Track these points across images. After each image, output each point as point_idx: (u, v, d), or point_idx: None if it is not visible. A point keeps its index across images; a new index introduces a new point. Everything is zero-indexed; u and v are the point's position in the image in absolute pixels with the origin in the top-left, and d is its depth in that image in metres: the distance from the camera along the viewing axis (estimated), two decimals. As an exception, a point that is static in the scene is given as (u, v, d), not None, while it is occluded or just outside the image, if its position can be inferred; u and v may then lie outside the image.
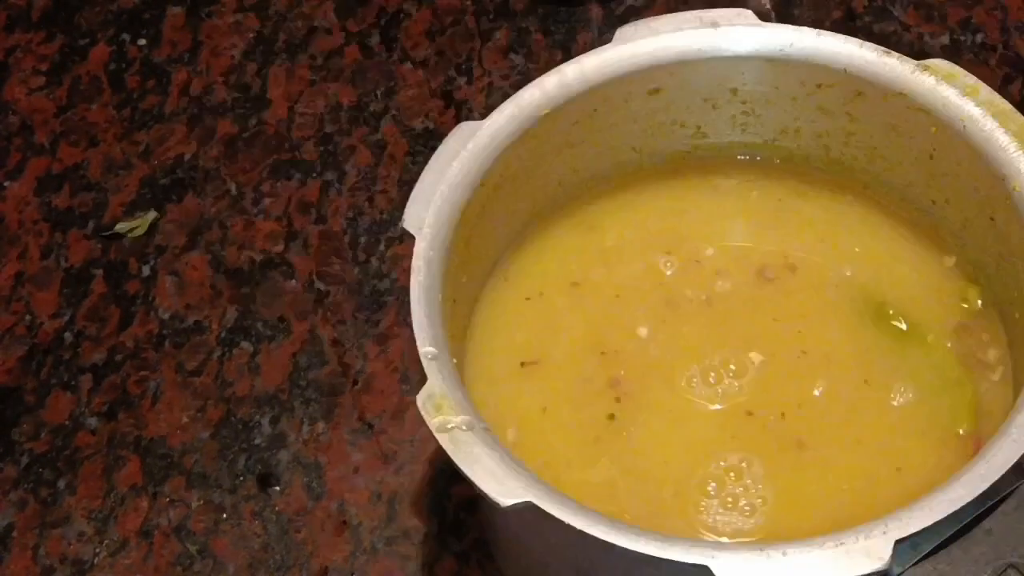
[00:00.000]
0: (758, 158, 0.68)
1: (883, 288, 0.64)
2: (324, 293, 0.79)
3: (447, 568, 0.68)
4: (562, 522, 0.50)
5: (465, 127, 0.61)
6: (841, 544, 0.49)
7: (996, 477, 0.50)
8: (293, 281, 0.79)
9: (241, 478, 0.72)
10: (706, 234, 0.66)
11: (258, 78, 0.89)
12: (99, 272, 0.81)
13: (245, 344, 0.77)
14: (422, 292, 0.56)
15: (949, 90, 0.60)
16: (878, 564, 0.48)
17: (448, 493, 0.71)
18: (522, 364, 0.62)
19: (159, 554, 0.70)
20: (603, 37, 0.80)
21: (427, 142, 0.84)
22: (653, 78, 0.64)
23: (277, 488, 0.72)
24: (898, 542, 0.49)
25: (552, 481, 0.52)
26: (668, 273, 0.65)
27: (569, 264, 0.66)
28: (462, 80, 0.87)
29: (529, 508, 0.50)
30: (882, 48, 0.62)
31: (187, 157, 0.85)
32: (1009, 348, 0.61)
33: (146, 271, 0.80)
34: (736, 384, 0.61)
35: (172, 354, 0.77)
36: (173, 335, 0.77)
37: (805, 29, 0.63)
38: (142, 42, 0.91)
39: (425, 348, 0.55)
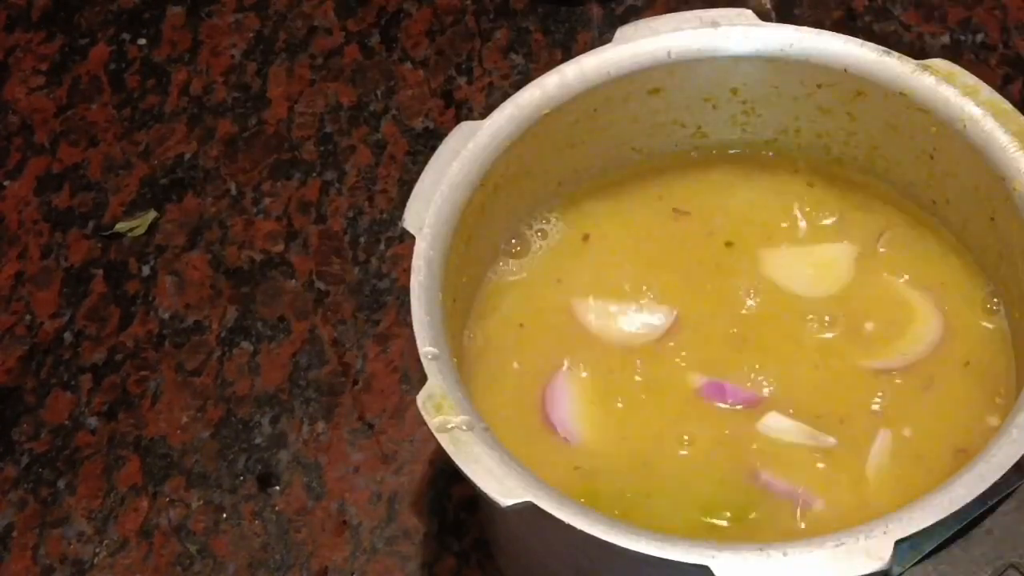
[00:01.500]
0: (759, 156, 0.68)
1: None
2: (324, 293, 0.79)
3: (447, 568, 0.68)
4: (562, 522, 0.50)
5: (465, 127, 0.61)
6: (841, 544, 0.49)
7: (996, 477, 0.50)
8: (293, 281, 0.79)
9: (241, 478, 0.72)
10: (706, 234, 0.66)
11: (258, 78, 0.89)
12: (99, 272, 0.81)
13: (245, 344, 0.77)
14: (422, 292, 0.56)
15: (949, 90, 0.60)
16: (878, 564, 0.48)
17: (448, 493, 0.71)
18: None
19: (159, 554, 0.70)
20: (603, 37, 0.80)
21: (427, 142, 0.84)
22: (653, 78, 0.64)
23: (277, 488, 0.72)
24: (898, 542, 0.49)
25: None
26: (667, 275, 0.65)
27: (567, 264, 0.66)
28: (462, 80, 0.87)
29: (529, 508, 0.50)
30: (882, 48, 0.62)
31: (187, 157, 0.85)
32: (1013, 343, 0.61)
33: (146, 271, 0.80)
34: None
35: (172, 354, 0.77)
36: (173, 335, 0.77)
37: (805, 29, 0.63)
38: (142, 42, 0.91)
39: (425, 348, 0.55)
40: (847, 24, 0.87)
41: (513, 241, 0.65)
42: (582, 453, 0.60)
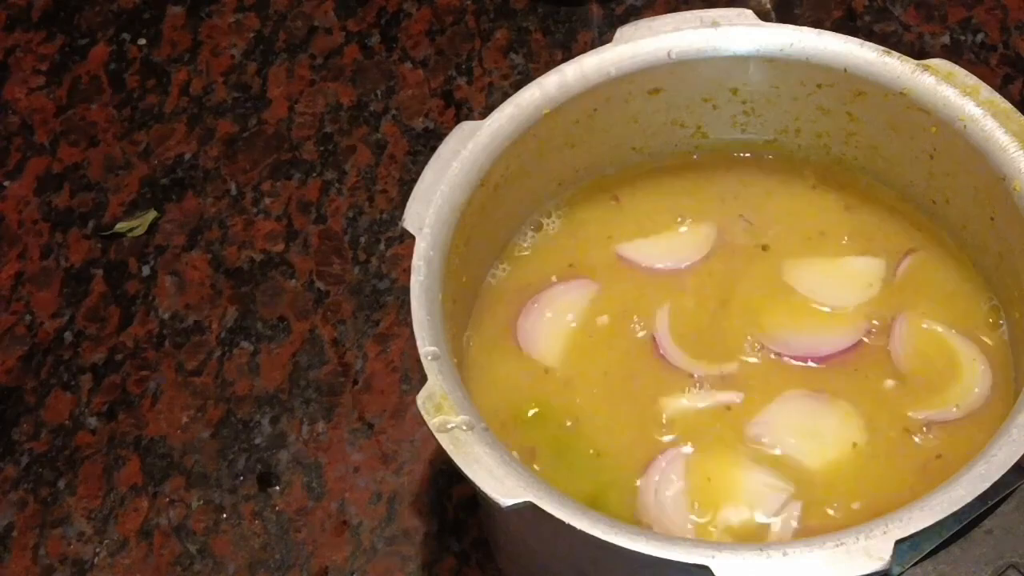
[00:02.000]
0: (760, 157, 0.68)
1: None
2: (324, 293, 0.79)
3: (447, 568, 0.68)
4: (562, 522, 0.50)
5: (465, 127, 0.61)
6: (841, 544, 0.49)
7: (996, 477, 0.50)
8: (293, 281, 0.79)
9: (241, 478, 0.72)
10: (706, 233, 0.66)
11: (258, 78, 0.89)
12: (99, 272, 0.81)
13: (245, 344, 0.77)
14: (422, 292, 0.56)
15: (949, 90, 0.60)
16: (878, 564, 0.48)
17: (448, 493, 0.71)
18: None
19: (159, 554, 0.70)
20: (603, 37, 0.80)
21: (427, 142, 0.84)
22: (653, 78, 0.64)
23: (277, 488, 0.72)
24: (898, 542, 0.49)
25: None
26: (667, 273, 0.65)
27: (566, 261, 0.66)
28: (462, 80, 0.87)
29: (529, 508, 0.50)
30: (882, 48, 0.62)
31: (187, 157, 0.85)
32: (1011, 346, 0.61)
33: (146, 271, 0.80)
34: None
35: (172, 354, 0.77)
36: (173, 335, 0.77)
37: (805, 29, 0.63)
38: (142, 42, 0.91)
39: (425, 348, 0.55)
40: (847, 24, 0.87)
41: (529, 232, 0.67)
42: (543, 366, 0.63)
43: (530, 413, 0.61)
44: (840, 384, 0.61)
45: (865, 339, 0.62)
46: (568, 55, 0.78)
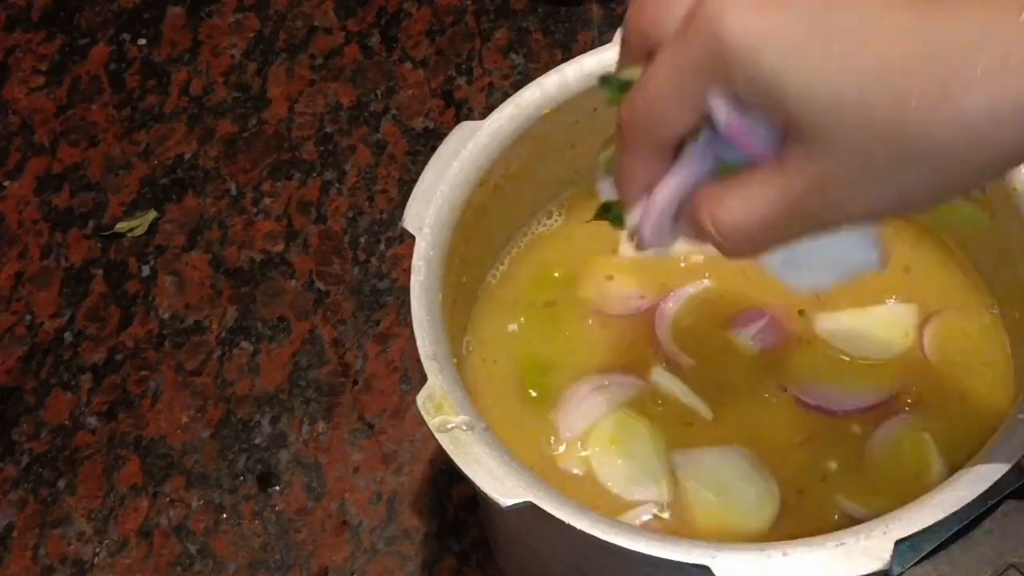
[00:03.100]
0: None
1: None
2: (324, 293, 0.79)
3: (447, 568, 0.68)
4: (562, 522, 0.50)
5: (465, 127, 0.61)
6: (842, 544, 0.49)
7: (996, 477, 0.50)
8: (293, 281, 0.79)
9: (241, 478, 0.72)
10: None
11: (258, 78, 0.89)
12: (99, 272, 0.81)
13: (245, 344, 0.77)
14: (422, 292, 0.56)
15: (949, 90, 0.60)
16: (878, 564, 0.48)
17: (448, 493, 0.71)
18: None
19: (159, 554, 0.70)
20: (603, 37, 0.80)
21: (427, 142, 0.84)
22: (653, 78, 0.64)
23: (277, 488, 0.72)
24: (898, 542, 0.49)
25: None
26: (665, 273, 0.65)
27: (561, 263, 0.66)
28: (462, 80, 0.87)
29: (529, 508, 0.50)
30: (882, 48, 0.62)
31: (187, 157, 0.85)
32: (1011, 347, 0.61)
33: (146, 271, 0.80)
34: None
35: (172, 354, 0.77)
36: (173, 335, 0.77)
37: (805, 29, 0.63)
38: (142, 42, 0.91)
39: (425, 348, 0.55)
40: (847, 24, 0.87)
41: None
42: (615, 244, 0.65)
43: (556, 275, 0.64)
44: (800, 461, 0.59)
45: (895, 401, 0.60)
46: (568, 55, 0.78)
